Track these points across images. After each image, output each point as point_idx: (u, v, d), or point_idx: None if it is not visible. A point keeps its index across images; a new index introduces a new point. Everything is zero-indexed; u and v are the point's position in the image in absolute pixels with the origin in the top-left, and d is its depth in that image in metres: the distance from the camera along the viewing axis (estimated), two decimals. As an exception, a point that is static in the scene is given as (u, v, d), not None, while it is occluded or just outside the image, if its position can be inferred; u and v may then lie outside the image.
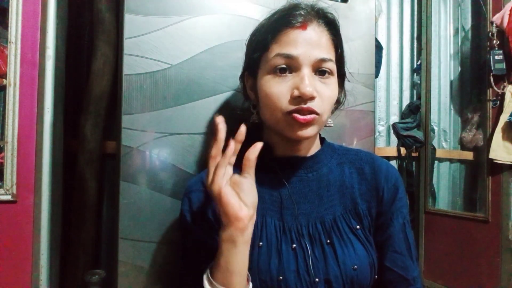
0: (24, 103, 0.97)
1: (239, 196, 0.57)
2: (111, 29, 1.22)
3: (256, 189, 0.59)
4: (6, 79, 0.96)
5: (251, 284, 0.61)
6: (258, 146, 0.58)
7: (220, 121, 0.57)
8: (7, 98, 0.95)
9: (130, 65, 0.83)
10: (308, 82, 0.61)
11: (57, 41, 1.00)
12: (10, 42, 0.96)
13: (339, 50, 0.69)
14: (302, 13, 0.64)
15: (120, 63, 0.84)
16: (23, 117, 0.96)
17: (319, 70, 0.64)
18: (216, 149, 0.57)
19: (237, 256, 0.57)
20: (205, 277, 0.59)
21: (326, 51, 0.64)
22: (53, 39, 0.98)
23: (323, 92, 0.63)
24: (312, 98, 0.62)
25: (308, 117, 0.62)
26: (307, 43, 0.63)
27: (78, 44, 1.28)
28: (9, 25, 0.96)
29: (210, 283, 0.58)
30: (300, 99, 0.61)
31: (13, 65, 0.96)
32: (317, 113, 0.63)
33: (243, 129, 0.57)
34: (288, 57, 0.62)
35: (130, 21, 0.83)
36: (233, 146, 0.56)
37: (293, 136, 0.65)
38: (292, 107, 0.62)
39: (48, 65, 0.97)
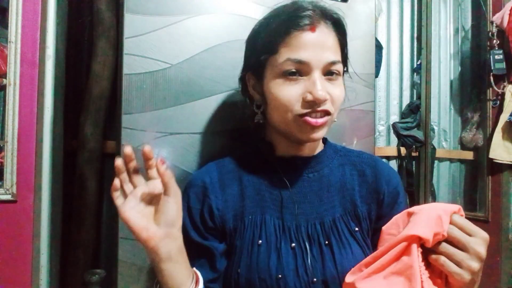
0: (24, 103, 0.97)
1: (153, 215, 0.57)
2: (111, 29, 1.22)
3: (178, 206, 0.58)
4: (6, 78, 0.96)
5: None
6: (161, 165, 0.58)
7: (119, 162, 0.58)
8: (7, 98, 0.95)
9: (130, 65, 0.83)
10: (321, 86, 0.61)
11: (57, 41, 0.99)
12: (10, 42, 0.96)
13: (345, 50, 0.69)
14: (309, 14, 0.63)
15: (120, 63, 0.84)
16: (23, 117, 0.96)
17: (328, 72, 0.64)
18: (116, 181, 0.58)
19: (163, 272, 0.58)
20: None
21: (334, 53, 0.64)
22: (53, 39, 0.98)
23: (333, 93, 0.64)
24: (325, 101, 0.62)
25: (321, 120, 0.63)
26: (317, 46, 0.62)
27: (78, 44, 1.28)
28: (9, 24, 0.96)
29: None
30: (313, 103, 0.62)
31: (13, 64, 0.96)
32: (329, 114, 0.64)
33: (128, 150, 0.58)
34: (299, 62, 0.62)
35: (130, 21, 0.83)
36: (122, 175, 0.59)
37: (304, 138, 0.65)
38: (305, 110, 0.62)
39: (48, 65, 0.97)
